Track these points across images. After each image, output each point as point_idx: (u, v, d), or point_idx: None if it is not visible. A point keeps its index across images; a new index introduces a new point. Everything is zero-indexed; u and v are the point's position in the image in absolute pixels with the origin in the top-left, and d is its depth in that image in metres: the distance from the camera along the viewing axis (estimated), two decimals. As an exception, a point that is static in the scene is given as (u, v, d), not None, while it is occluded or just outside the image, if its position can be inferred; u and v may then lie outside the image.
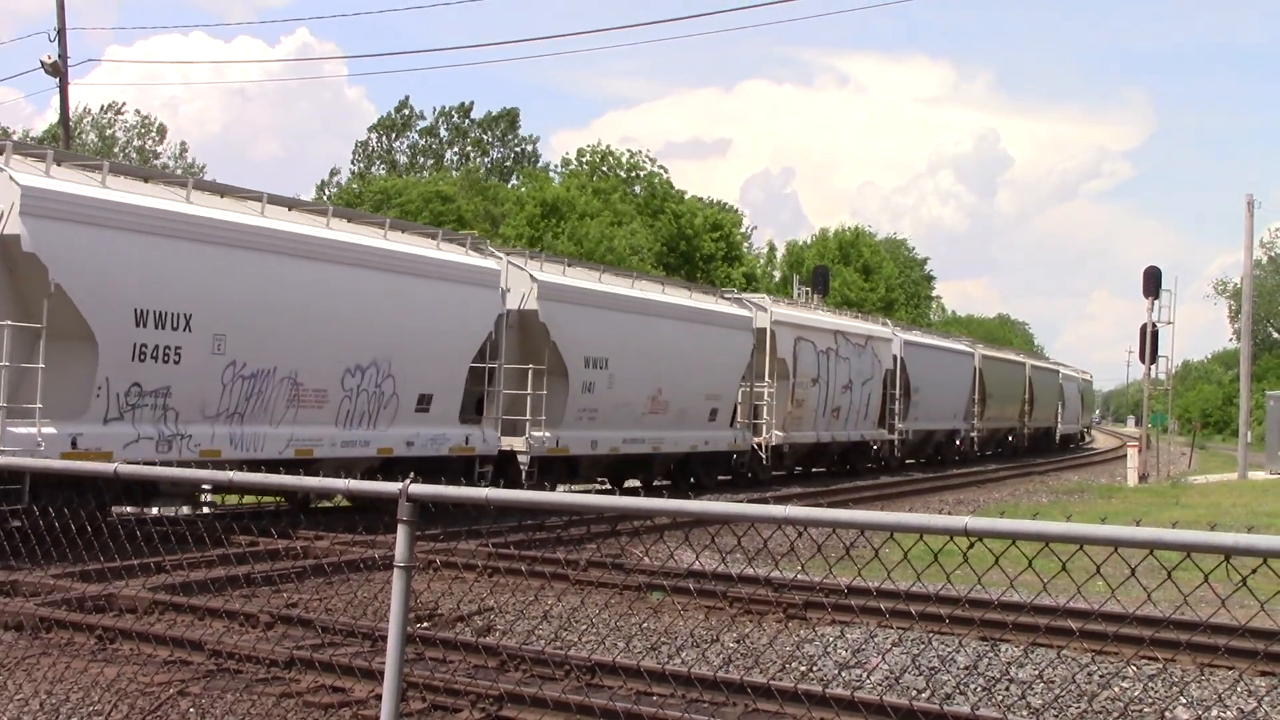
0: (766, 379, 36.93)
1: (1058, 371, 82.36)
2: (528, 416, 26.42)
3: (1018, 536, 4.32)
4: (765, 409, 37.00)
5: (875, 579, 12.73)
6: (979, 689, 11.51)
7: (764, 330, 36.66)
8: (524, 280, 27.13)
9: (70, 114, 43.98)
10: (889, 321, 53.24)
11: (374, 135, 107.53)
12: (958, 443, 57.50)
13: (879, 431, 45.95)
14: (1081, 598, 5.72)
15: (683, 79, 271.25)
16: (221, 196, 21.32)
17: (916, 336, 53.51)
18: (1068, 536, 4.26)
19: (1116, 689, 11.54)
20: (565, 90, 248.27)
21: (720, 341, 34.20)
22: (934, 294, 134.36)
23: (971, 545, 4.38)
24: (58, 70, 41.06)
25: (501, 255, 27.35)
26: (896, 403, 47.57)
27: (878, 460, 47.42)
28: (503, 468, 26.11)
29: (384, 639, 11.42)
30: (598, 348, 28.97)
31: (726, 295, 38.22)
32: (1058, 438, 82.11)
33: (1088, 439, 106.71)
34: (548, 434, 26.86)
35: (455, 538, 19.30)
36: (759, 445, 36.62)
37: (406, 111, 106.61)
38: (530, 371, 26.52)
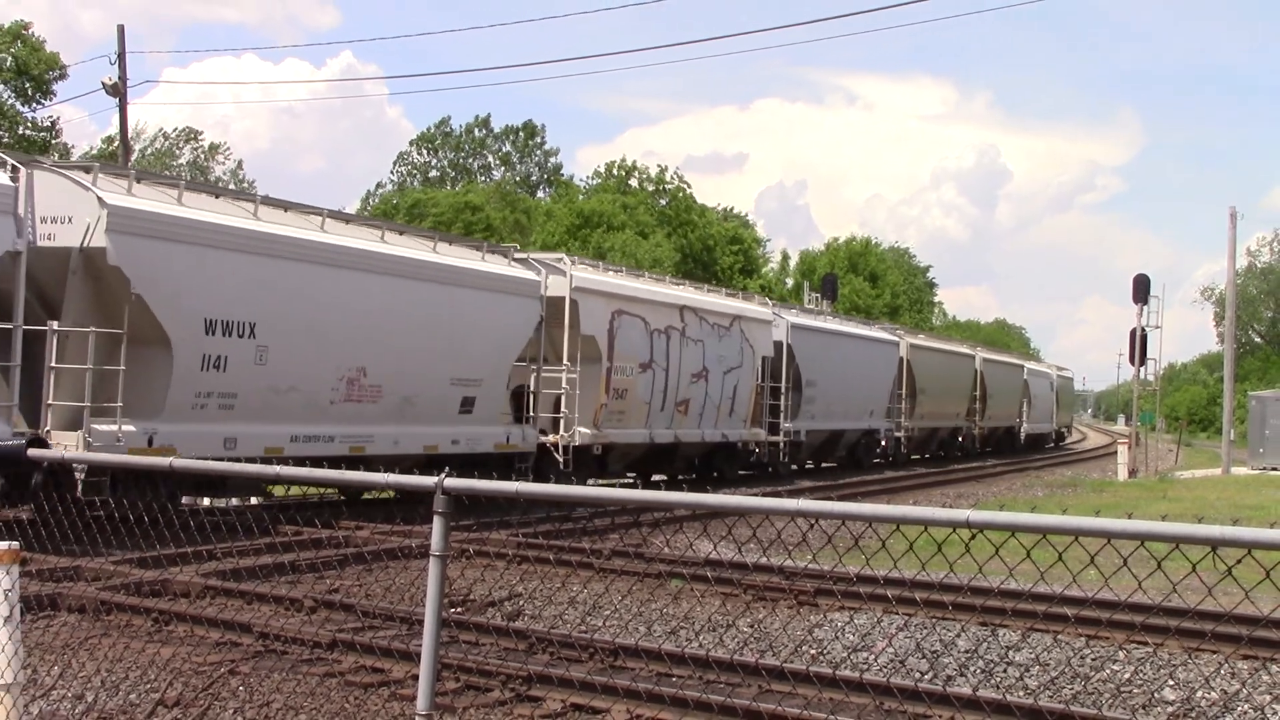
0: (565, 362, 26.99)
1: (1021, 367, 71.08)
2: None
3: (1016, 528, 4.31)
4: (564, 400, 26.99)
5: (882, 568, 12.74)
6: (979, 671, 11.48)
7: (560, 299, 26.74)
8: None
9: (128, 130, 44.14)
10: (771, 301, 41.73)
11: (413, 149, 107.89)
12: (881, 443, 46.54)
13: (753, 431, 35.48)
14: (1076, 586, 5.69)
15: (701, 97, 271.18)
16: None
17: (809, 320, 41.95)
18: (1063, 529, 4.25)
19: (1108, 671, 11.49)
20: (589, 107, 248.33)
21: (483, 311, 24.69)
22: (936, 300, 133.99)
23: (973, 537, 4.37)
24: (117, 91, 41.27)
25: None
26: (783, 397, 37.25)
27: (763, 466, 37.52)
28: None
29: (420, 623, 11.44)
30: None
31: (518, 257, 27.18)
32: (1022, 438, 70.22)
33: (1068, 438, 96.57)
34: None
35: (487, 528, 19.33)
36: (555, 445, 26.81)
37: (447, 129, 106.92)
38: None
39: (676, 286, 34.56)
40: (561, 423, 26.91)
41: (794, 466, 40.42)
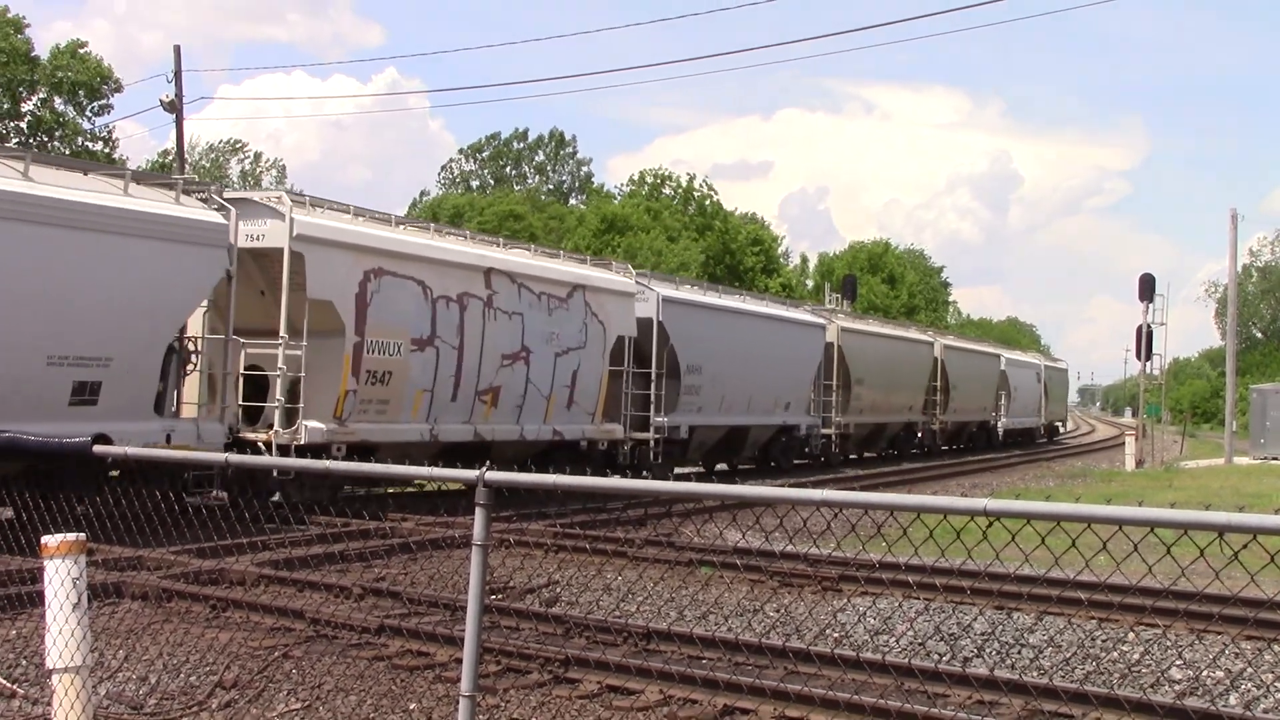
0: (283, 334, 19.97)
1: (997, 356, 59.85)
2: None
3: (1031, 516, 4.31)
4: (278, 385, 20.44)
5: (903, 555, 12.71)
6: (995, 653, 11.45)
7: (276, 251, 20.22)
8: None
9: (184, 145, 44.39)
10: (640, 273, 32.02)
11: (459, 159, 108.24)
12: (803, 437, 38.32)
13: (604, 428, 27.16)
14: (1089, 571, 5.68)
15: (726, 107, 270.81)
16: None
17: (692, 294, 32.99)
18: (1077, 516, 4.25)
19: (1118, 652, 11.45)
20: (620, 118, 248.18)
21: (115, 264, 18.00)
22: (951, 299, 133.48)
23: (990, 524, 4.36)
24: (174, 108, 41.51)
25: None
26: (654, 385, 29.18)
27: (635, 468, 29.26)
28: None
29: (463, 609, 11.48)
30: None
31: (228, 197, 20.19)
32: (1000, 434, 60.00)
33: (1062, 432, 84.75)
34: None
35: (526, 519, 19.36)
36: (269, 444, 19.65)
37: (496, 141, 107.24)
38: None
39: (487, 245, 25.69)
40: (277, 415, 20.02)
41: (680, 468, 32.11)
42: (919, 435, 48.23)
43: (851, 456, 43.90)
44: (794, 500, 4.84)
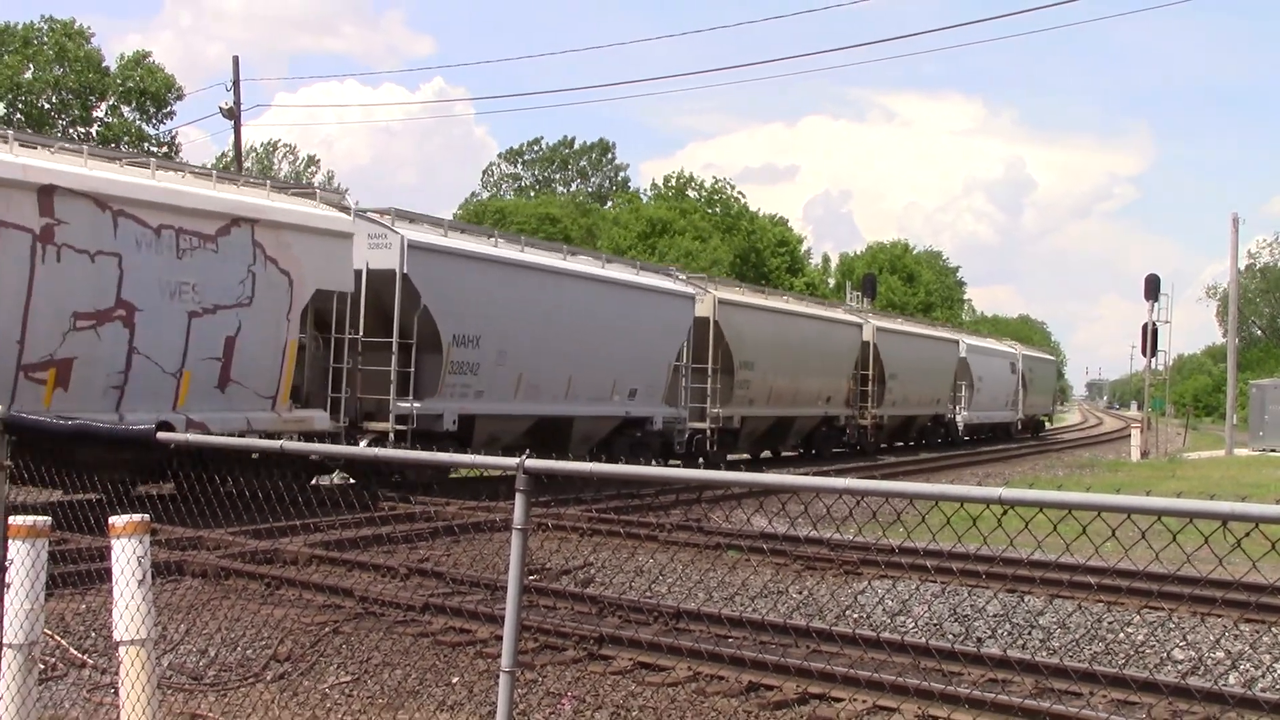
0: None
1: (954, 342, 49.56)
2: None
3: (1044, 505, 4.28)
4: None
5: (921, 540, 12.68)
6: (1007, 634, 11.41)
7: None
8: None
9: (242, 150, 44.68)
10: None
11: (501, 163, 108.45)
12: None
13: (288, 416, 18.70)
14: (1099, 557, 5.66)
15: (753, 114, 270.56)
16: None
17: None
18: (1087, 505, 4.23)
19: (1122, 634, 11.40)
20: (652, 124, 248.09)
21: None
22: (966, 298, 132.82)
23: (1005, 512, 4.35)
24: (232, 115, 41.71)
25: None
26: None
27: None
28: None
29: (502, 589, 11.50)
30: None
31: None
32: (960, 429, 50.40)
33: (1047, 427, 75.34)
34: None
35: (563, 504, 19.39)
36: None
37: (538, 148, 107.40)
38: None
39: (71, 156, 16.67)
40: None
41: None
42: (844, 428, 38.69)
43: (742, 456, 37.66)
44: (817, 488, 4.83)
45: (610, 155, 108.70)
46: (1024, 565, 12.86)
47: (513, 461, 4.93)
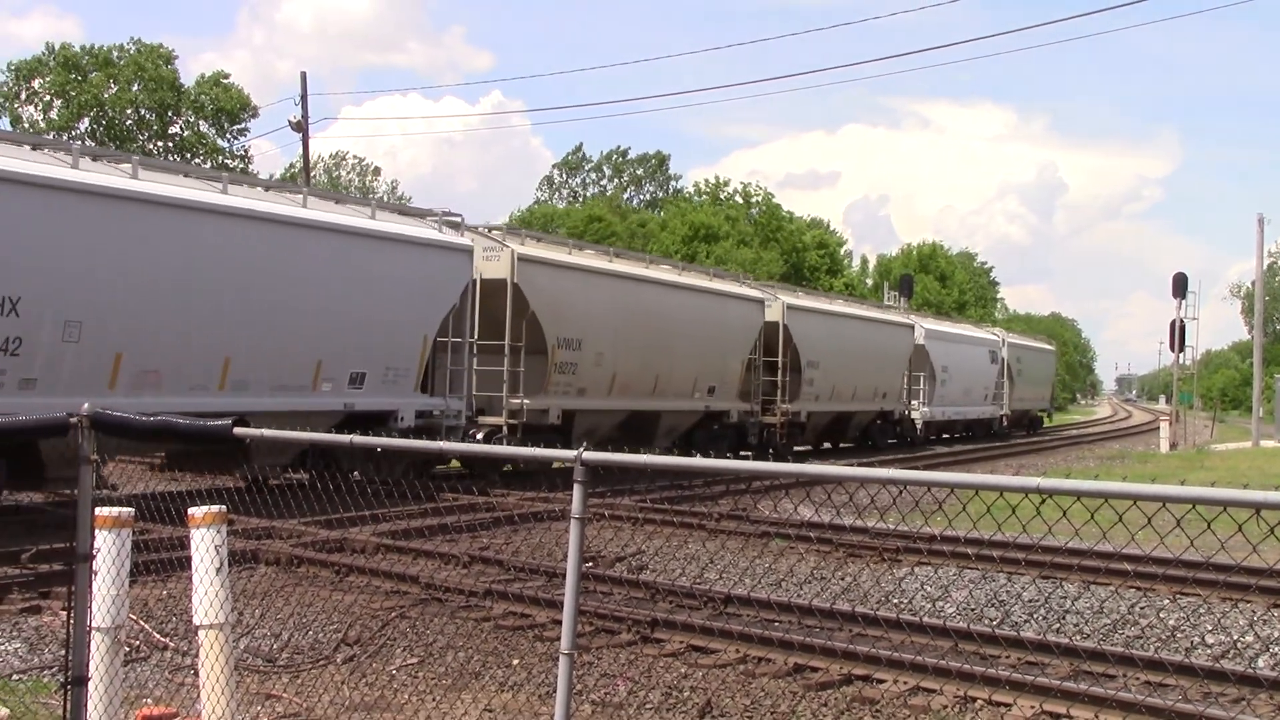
0: None
1: (909, 326, 40.44)
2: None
3: (1081, 494, 4.23)
4: None
5: (961, 529, 12.58)
6: (1043, 619, 11.29)
7: None
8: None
9: (310, 161, 45.06)
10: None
11: (556, 171, 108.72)
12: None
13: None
14: (1134, 545, 5.59)
15: (795, 123, 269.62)
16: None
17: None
18: (1123, 494, 4.17)
19: (1156, 619, 11.26)
20: (698, 134, 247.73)
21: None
22: (999, 297, 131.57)
23: (1043, 501, 4.30)
24: (300, 128, 42.00)
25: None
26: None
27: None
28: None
29: (559, 575, 11.53)
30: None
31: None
32: (919, 427, 41.35)
33: (1044, 424, 63.73)
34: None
35: (618, 494, 19.40)
36: None
37: (581, 155, 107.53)
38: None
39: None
40: None
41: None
42: (740, 425, 30.16)
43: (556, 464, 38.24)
44: (861, 478, 4.79)
45: (665, 166, 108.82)
46: (1062, 553, 12.72)
47: (571, 454, 4.92)
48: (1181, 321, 49.25)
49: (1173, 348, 51.02)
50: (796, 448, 33.26)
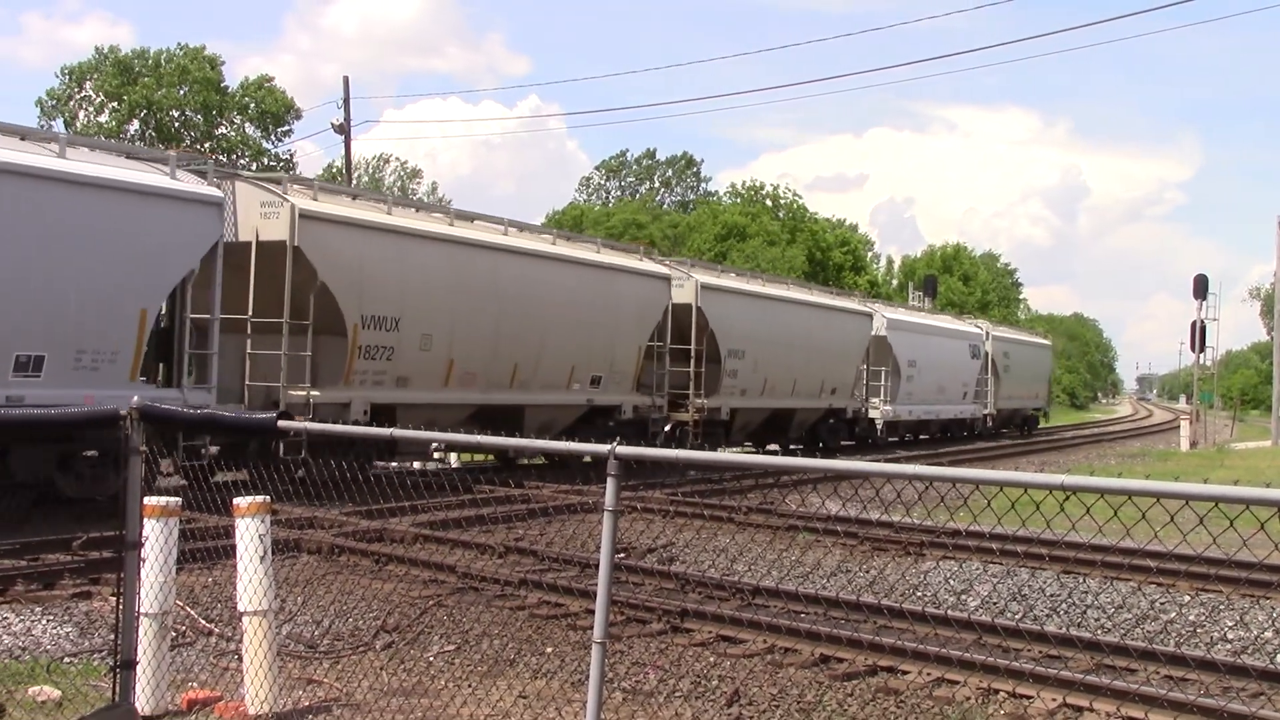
0: None
1: (867, 316, 35.14)
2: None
3: (1105, 491, 4.19)
4: None
5: (985, 525, 12.50)
6: (1065, 614, 11.21)
7: None
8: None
9: (351, 163, 45.26)
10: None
11: (596, 174, 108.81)
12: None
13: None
14: (1158, 541, 5.54)
15: (823, 127, 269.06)
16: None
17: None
18: (1147, 491, 4.13)
19: (1174, 613, 11.16)
20: (729, 137, 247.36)
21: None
22: (1021, 297, 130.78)
23: (1067, 498, 4.26)
24: (342, 130, 42.14)
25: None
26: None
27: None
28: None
29: (592, 566, 11.53)
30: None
31: None
32: (880, 427, 35.87)
33: (1040, 423, 56.67)
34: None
35: (650, 487, 19.39)
36: None
37: (623, 159, 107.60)
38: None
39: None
40: None
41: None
42: (638, 421, 25.22)
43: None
44: (888, 474, 4.77)
45: (695, 169, 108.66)
46: (1084, 549, 12.61)
47: (604, 448, 4.92)
48: (1202, 322, 48.99)
49: (1193, 348, 50.74)
50: (729, 449, 27.81)
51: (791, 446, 32.66)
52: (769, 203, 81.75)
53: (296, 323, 17.52)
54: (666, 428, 25.78)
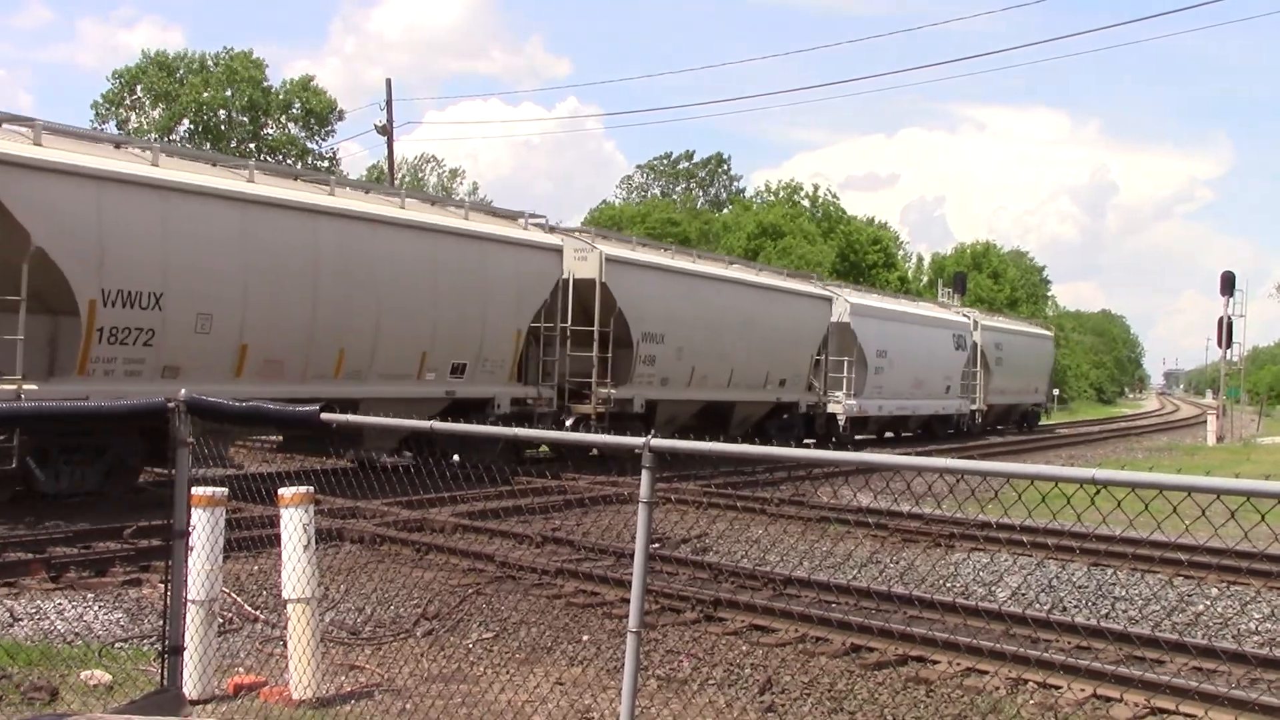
0: None
1: (828, 300, 30.66)
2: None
3: (1136, 485, 4.11)
4: None
5: (1015, 518, 12.39)
6: (1094, 606, 11.09)
7: None
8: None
9: (395, 164, 45.39)
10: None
11: (637, 173, 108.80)
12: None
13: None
14: (1189, 535, 5.46)
15: (855, 127, 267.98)
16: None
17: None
18: (1178, 485, 4.04)
19: (1202, 605, 11.02)
20: (763, 137, 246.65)
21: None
22: (1050, 294, 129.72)
23: (1098, 492, 4.19)
24: (385, 131, 42.25)
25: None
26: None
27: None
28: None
29: (626, 555, 11.50)
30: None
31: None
32: (842, 423, 31.31)
33: (1046, 420, 54.20)
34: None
35: (683, 479, 19.34)
36: None
37: (665, 161, 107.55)
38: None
39: None
40: None
41: None
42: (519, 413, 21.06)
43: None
44: (919, 467, 4.71)
45: (726, 167, 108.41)
46: (1116, 542, 12.47)
47: (639, 441, 4.87)
48: (1229, 318, 48.49)
49: (1220, 344, 50.20)
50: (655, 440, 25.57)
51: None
52: (806, 202, 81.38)
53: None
54: (569, 422, 21.86)
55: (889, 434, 37.23)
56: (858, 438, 33.63)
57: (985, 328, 42.06)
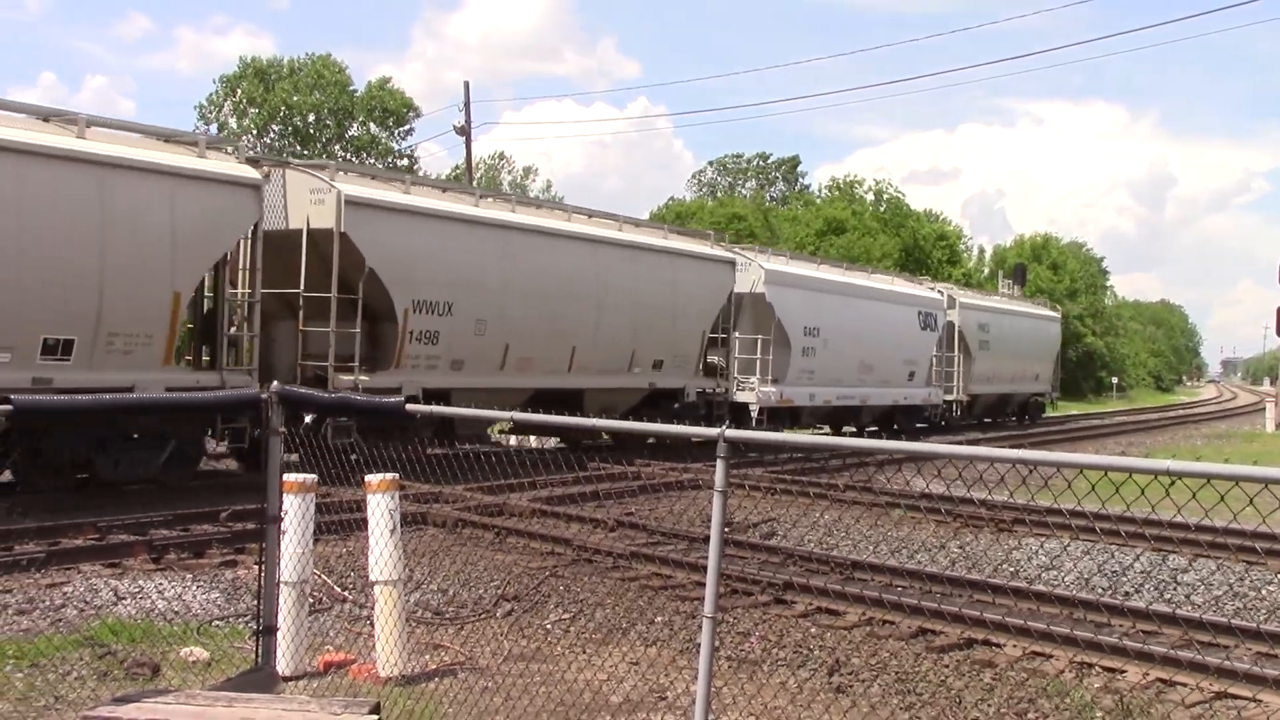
0: None
1: (729, 264, 24.17)
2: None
3: (1212, 476, 3.94)
4: None
5: (1068, 503, 12.10)
6: (1151, 590, 10.81)
7: None
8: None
9: (473, 163, 45.62)
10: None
11: (708, 168, 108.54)
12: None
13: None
14: (1265, 525, 5.27)
15: (916, 123, 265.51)
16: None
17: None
18: (1255, 477, 3.87)
19: (1264, 593, 10.70)
20: (826, 133, 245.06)
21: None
22: (1109, 284, 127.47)
23: (1172, 483, 4.03)
24: (464, 132, 42.41)
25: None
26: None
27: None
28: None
29: (698, 540, 11.43)
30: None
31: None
32: (754, 415, 24.12)
33: (1050, 411, 46.21)
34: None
35: (751, 466, 19.21)
36: None
37: (736, 160, 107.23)
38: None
39: None
40: None
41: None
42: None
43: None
44: (991, 458, 4.56)
45: (800, 171, 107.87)
46: (1193, 530, 12.04)
47: (714, 432, 4.78)
48: (1287, 307, 47.32)
49: (1279, 332, 49.06)
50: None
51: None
52: (870, 197, 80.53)
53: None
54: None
55: (827, 428, 29.48)
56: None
57: (965, 305, 35.27)
